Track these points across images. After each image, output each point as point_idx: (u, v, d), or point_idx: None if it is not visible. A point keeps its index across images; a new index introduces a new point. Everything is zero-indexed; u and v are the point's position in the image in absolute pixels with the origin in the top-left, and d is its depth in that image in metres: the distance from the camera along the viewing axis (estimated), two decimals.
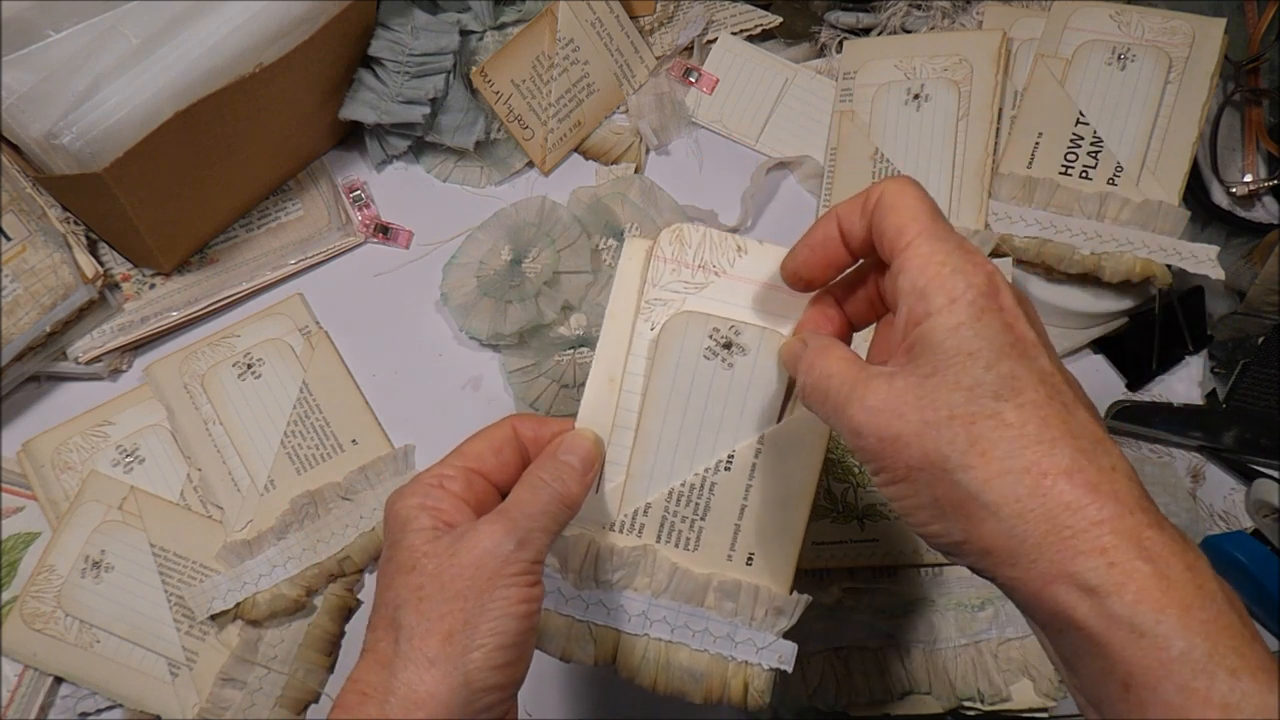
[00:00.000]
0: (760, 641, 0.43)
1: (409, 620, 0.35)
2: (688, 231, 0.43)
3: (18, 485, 0.60)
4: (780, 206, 0.71)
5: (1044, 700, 0.56)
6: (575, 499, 0.40)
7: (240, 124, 0.59)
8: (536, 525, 0.38)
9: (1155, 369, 0.65)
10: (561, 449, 0.41)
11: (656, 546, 0.43)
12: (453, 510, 0.38)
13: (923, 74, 0.69)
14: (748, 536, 0.43)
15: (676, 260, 0.43)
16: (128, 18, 0.56)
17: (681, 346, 0.42)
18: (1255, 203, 0.69)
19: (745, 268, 0.43)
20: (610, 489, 0.43)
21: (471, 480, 0.40)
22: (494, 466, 0.41)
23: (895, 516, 0.60)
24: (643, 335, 0.43)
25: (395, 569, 0.37)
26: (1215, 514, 0.62)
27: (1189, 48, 0.65)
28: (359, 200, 0.69)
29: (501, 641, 0.35)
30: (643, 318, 0.43)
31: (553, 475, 0.39)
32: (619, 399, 0.43)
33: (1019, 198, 0.65)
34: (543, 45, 0.68)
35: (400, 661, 0.35)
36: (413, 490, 0.39)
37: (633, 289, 0.43)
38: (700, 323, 0.42)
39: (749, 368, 0.42)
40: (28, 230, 0.60)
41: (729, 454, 0.43)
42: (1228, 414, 0.63)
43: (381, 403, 0.63)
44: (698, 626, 0.43)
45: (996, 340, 0.32)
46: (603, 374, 0.43)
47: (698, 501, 0.43)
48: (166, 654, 0.56)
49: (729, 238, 0.43)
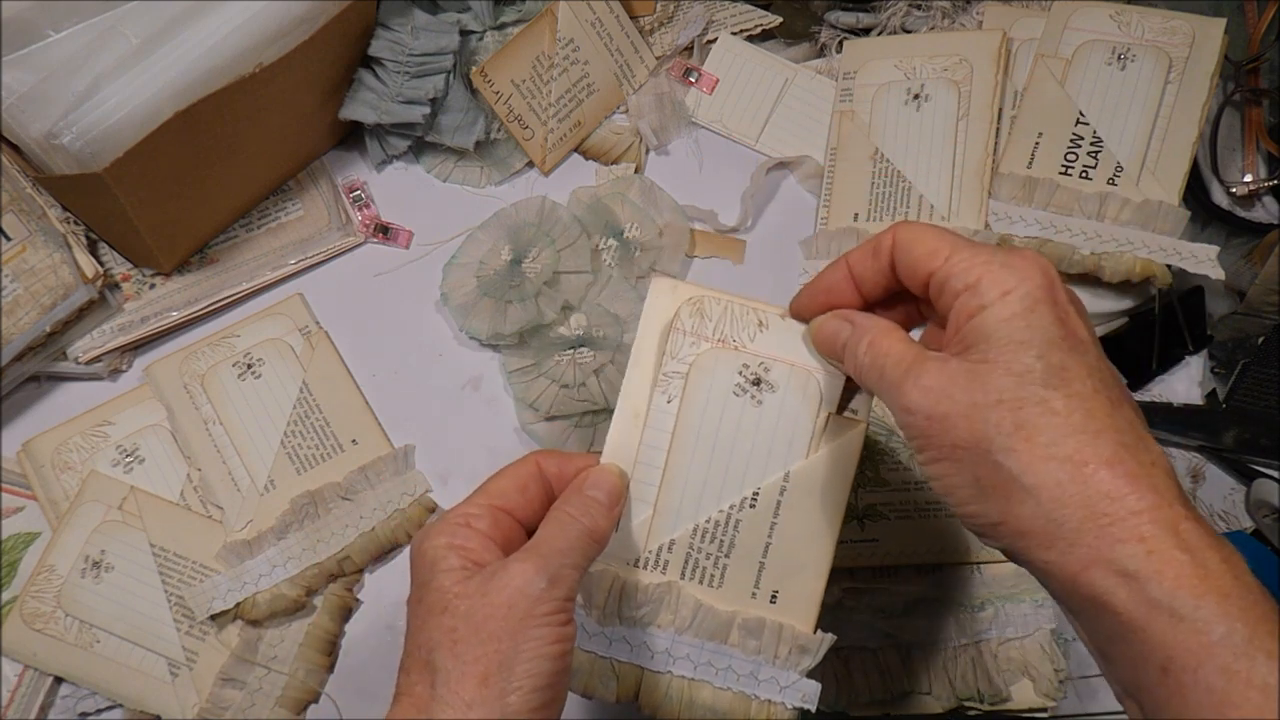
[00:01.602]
0: (784, 680, 0.42)
1: (444, 663, 0.35)
2: (708, 304, 0.43)
3: (18, 485, 0.60)
4: (780, 206, 0.71)
5: (1044, 700, 0.56)
6: (603, 534, 0.40)
7: (240, 124, 0.59)
8: (567, 562, 0.38)
9: (1155, 369, 0.65)
10: (588, 484, 0.41)
11: (681, 583, 0.43)
12: (481, 549, 0.38)
13: (923, 74, 0.69)
14: (772, 574, 0.43)
15: (696, 334, 0.43)
16: (128, 18, 0.56)
17: (711, 383, 0.43)
18: (1255, 203, 0.69)
19: (766, 344, 0.43)
20: (635, 525, 0.43)
21: (498, 518, 0.39)
22: (519, 503, 0.40)
23: (895, 517, 0.60)
24: (660, 409, 0.43)
25: (427, 611, 0.37)
26: (1215, 514, 0.62)
27: (1189, 48, 0.65)
28: (359, 200, 0.69)
29: (537, 683, 0.35)
30: (659, 390, 0.43)
31: (580, 510, 0.39)
32: (643, 435, 0.43)
33: (1019, 198, 0.65)
34: (543, 45, 0.68)
35: (438, 705, 0.35)
36: (440, 530, 0.39)
37: (656, 329, 0.43)
38: (730, 359, 0.42)
39: (777, 405, 0.42)
40: (28, 230, 0.60)
41: (755, 491, 0.43)
42: (1228, 414, 0.63)
43: (381, 403, 0.63)
44: (721, 664, 0.43)
45: (1049, 331, 0.33)
46: (628, 410, 0.43)
47: (723, 539, 0.43)
48: (166, 654, 0.56)
49: (750, 310, 0.43)
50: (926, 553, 0.59)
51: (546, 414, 0.63)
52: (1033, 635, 0.57)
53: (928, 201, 0.66)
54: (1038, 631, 0.57)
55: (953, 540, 0.59)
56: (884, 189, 0.67)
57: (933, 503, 0.60)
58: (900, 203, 0.66)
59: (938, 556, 0.59)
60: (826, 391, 0.42)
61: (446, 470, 0.62)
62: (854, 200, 0.68)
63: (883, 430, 0.62)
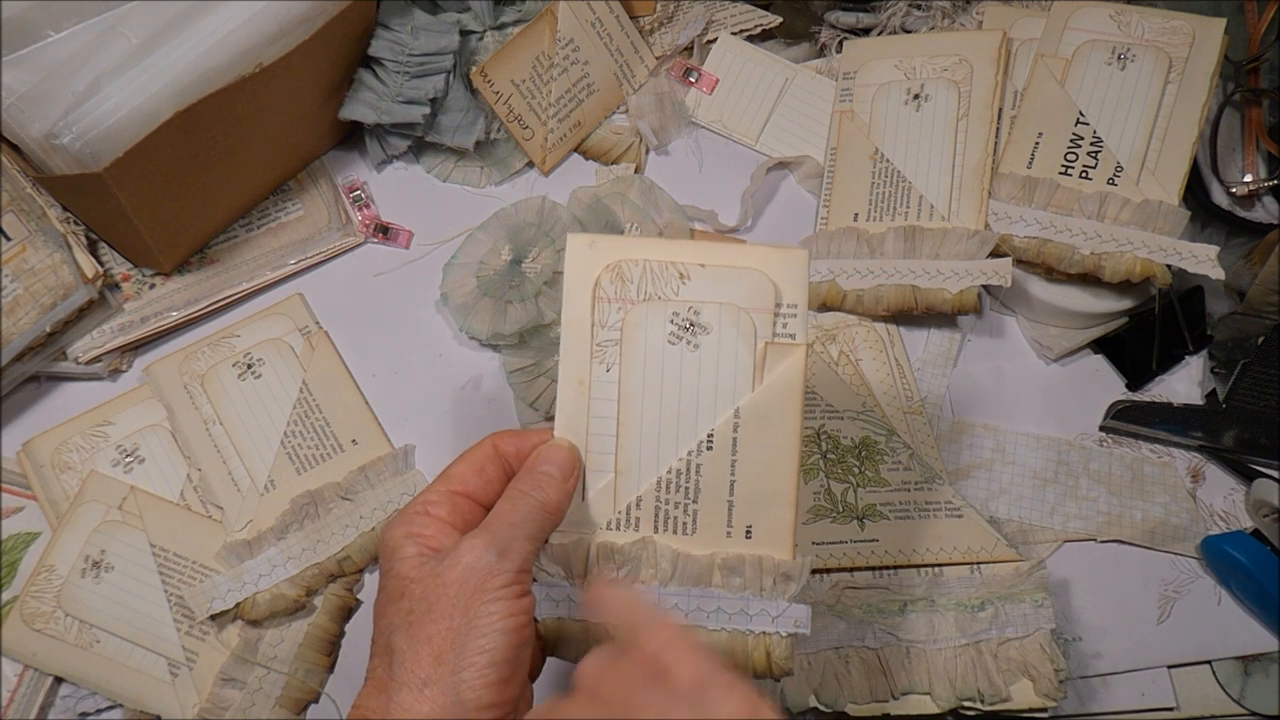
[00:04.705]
0: (774, 610, 0.43)
1: (401, 644, 0.36)
2: (627, 267, 0.43)
3: (18, 485, 0.60)
4: (780, 206, 0.71)
5: (1044, 700, 0.56)
6: (557, 506, 0.40)
7: (240, 124, 0.59)
8: (518, 534, 0.38)
9: (1155, 369, 0.65)
10: (540, 461, 0.41)
11: (655, 537, 0.43)
12: (438, 534, 0.39)
13: (923, 74, 0.69)
14: (742, 510, 0.43)
15: (621, 299, 0.43)
16: (128, 18, 0.56)
17: (645, 336, 0.43)
18: (1255, 203, 0.69)
19: (691, 292, 0.43)
20: (600, 489, 0.43)
21: (456, 503, 0.40)
22: (477, 486, 0.41)
23: (895, 517, 0.60)
24: (601, 379, 0.43)
25: (387, 598, 0.38)
26: (1215, 514, 0.62)
27: (1189, 48, 0.65)
28: (359, 200, 0.69)
29: (491, 659, 0.36)
30: (597, 360, 0.43)
31: (532, 485, 0.40)
32: (590, 403, 0.43)
33: (1019, 198, 0.65)
34: (543, 45, 0.68)
35: (395, 685, 0.36)
36: (399, 520, 0.40)
37: (585, 291, 0.43)
38: (659, 309, 0.43)
39: (714, 345, 0.43)
40: (28, 230, 0.60)
41: (709, 433, 0.43)
42: (1228, 414, 0.63)
43: (381, 403, 0.63)
44: (710, 607, 0.43)
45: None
46: (571, 379, 0.43)
47: (687, 486, 0.43)
48: (166, 654, 0.56)
49: (668, 266, 0.43)
50: (926, 553, 0.59)
51: (546, 414, 0.63)
52: (1032, 635, 0.57)
53: (927, 201, 0.66)
54: (1037, 631, 0.57)
55: (952, 540, 0.59)
56: (884, 189, 0.67)
57: (933, 502, 0.60)
58: (900, 203, 0.66)
59: (937, 556, 0.59)
60: (760, 323, 0.43)
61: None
62: (854, 200, 0.68)
63: (882, 430, 0.62)
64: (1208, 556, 0.60)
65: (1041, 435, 0.64)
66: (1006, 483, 0.62)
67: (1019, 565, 0.59)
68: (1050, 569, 0.60)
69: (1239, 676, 0.59)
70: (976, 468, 0.63)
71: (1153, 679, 0.59)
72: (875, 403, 0.63)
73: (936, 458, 0.62)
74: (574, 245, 0.43)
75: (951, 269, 0.63)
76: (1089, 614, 0.60)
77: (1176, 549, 0.61)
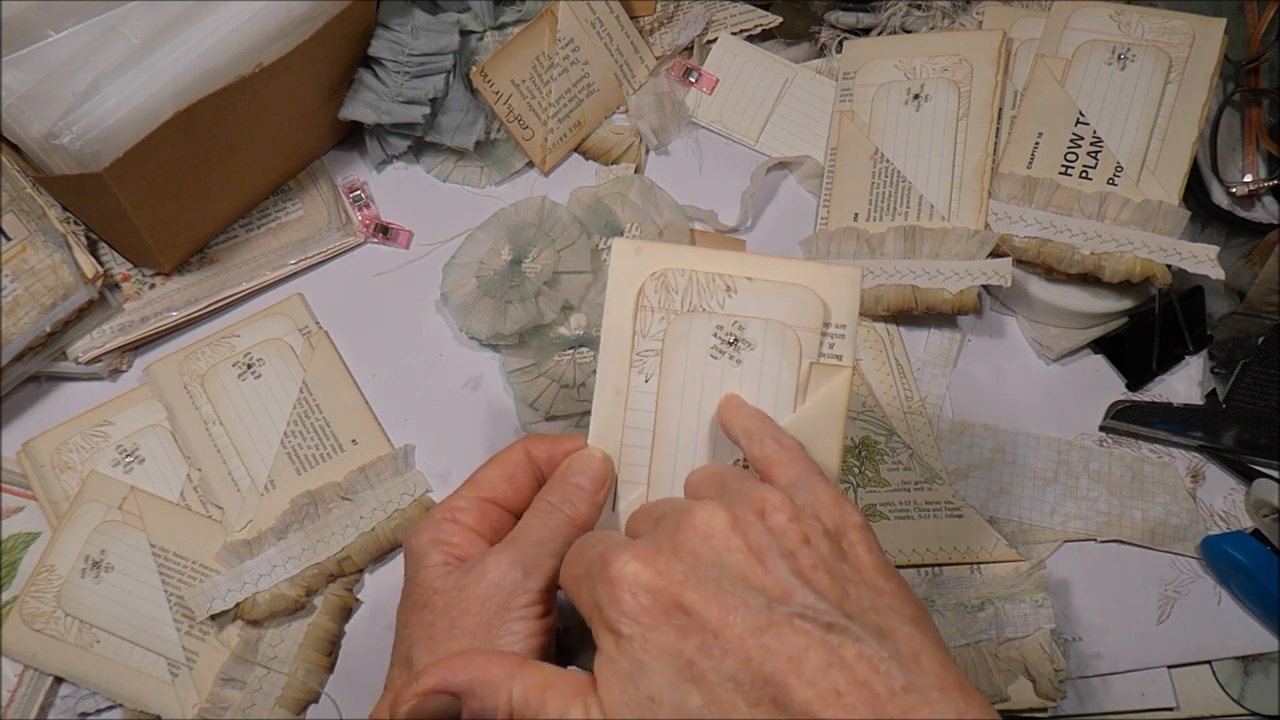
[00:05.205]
0: None
1: (421, 657, 0.36)
2: (673, 277, 0.42)
3: (18, 485, 0.60)
4: (780, 207, 0.71)
5: (1044, 700, 0.56)
6: (586, 520, 0.39)
7: (240, 124, 0.59)
8: (545, 550, 0.37)
9: (1155, 369, 0.65)
10: (571, 471, 0.40)
11: None
12: (465, 543, 0.38)
13: (923, 74, 0.69)
14: None
15: (664, 309, 0.42)
16: (128, 18, 0.56)
17: (688, 349, 0.42)
18: (1255, 203, 0.69)
19: (736, 306, 0.42)
20: (632, 500, 0.42)
21: (485, 510, 0.39)
22: (508, 493, 0.40)
23: (895, 516, 0.60)
24: (639, 389, 0.42)
25: (410, 606, 0.37)
26: (1215, 514, 0.63)
27: (1189, 48, 0.65)
28: (359, 200, 0.69)
29: None
30: (636, 370, 0.42)
31: (561, 498, 0.39)
32: (625, 416, 0.42)
33: (1019, 198, 0.65)
34: (543, 45, 0.68)
35: None
36: (425, 525, 0.39)
37: (628, 299, 0.42)
38: (704, 321, 0.42)
39: (758, 362, 0.42)
40: (28, 230, 0.60)
41: None
42: (1228, 414, 0.63)
43: (381, 403, 0.63)
44: None
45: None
46: (608, 387, 0.42)
47: None
48: (166, 654, 0.56)
49: (715, 278, 0.42)
50: (926, 552, 0.59)
51: (547, 414, 0.63)
52: (1032, 635, 0.57)
53: (927, 201, 0.66)
54: (1037, 631, 0.57)
55: (952, 540, 0.59)
56: (884, 189, 0.67)
57: (933, 503, 0.60)
58: (900, 203, 0.66)
59: (937, 556, 0.59)
60: (806, 342, 0.42)
61: (446, 470, 0.62)
62: (854, 200, 0.68)
63: (882, 430, 0.62)
64: (1208, 556, 0.60)
65: (1041, 435, 0.64)
66: (1006, 483, 0.62)
67: (1019, 565, 0.59)
68: (1050, 569, 0.60)
69: (1239, 676, 0.59)
70: (976, 468, 0.63)
71: (1153, 679, 0.59)
72: (875, 402, 0.63)
73: (936, 458, 0.62)
74: (619, 251, 0.42)
75: (951, 269, 0.63)
76: (1089, 614, 0.60)
77: (1176, 549, 0.61)
